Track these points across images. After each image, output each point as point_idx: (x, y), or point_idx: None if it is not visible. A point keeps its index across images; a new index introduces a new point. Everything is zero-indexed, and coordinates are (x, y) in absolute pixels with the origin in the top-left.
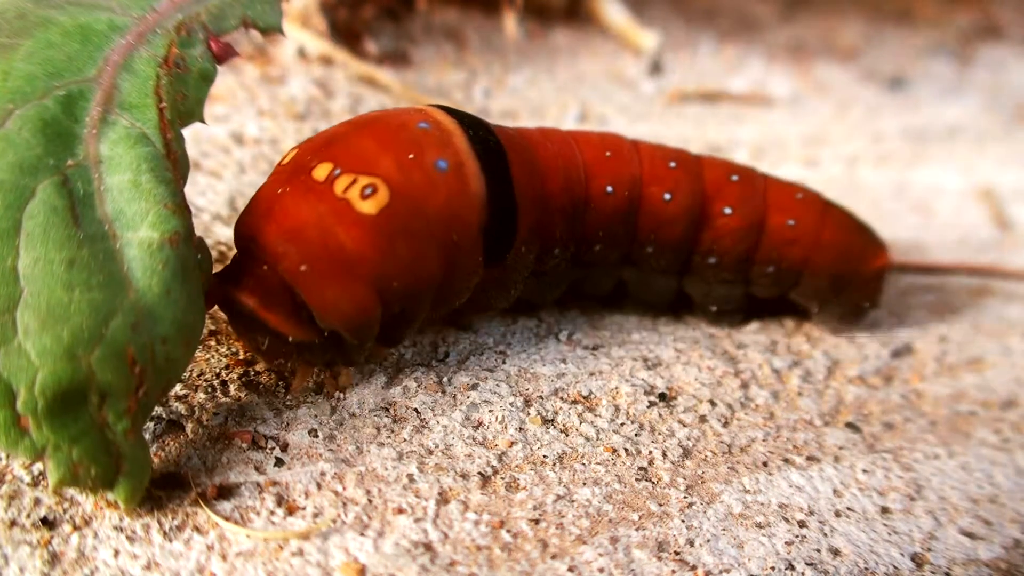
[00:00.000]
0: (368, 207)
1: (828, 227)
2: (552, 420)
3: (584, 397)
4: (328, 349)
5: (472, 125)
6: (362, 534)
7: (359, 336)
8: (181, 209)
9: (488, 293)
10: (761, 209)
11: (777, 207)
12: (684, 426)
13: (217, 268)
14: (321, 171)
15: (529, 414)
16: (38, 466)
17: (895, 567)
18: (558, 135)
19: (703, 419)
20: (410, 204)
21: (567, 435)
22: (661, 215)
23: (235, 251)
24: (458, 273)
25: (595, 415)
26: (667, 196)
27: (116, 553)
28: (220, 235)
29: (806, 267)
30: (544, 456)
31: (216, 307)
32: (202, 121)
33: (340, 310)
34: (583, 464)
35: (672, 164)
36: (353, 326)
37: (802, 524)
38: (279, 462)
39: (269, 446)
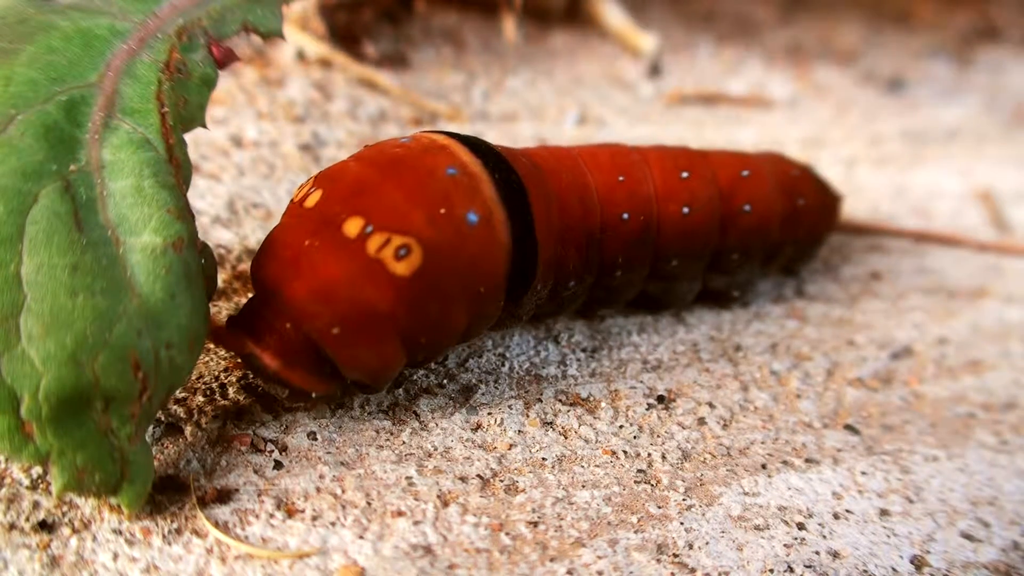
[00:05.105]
0: (402, 269)
1: (820, 192)
2: (551, 422)
3: (583, 399)
4: (347, 390)
5: (496, 166)
6: (361, 537)
7: (382, 384)
8: (184, 214)
9: (501, 322)
10: (775, 198)
11: (789, 190)
12: (683, 428)
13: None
14: (352, 227)
15: (528, 416)
16: (37, 469)
17: (894, 569)
18: (569, 159)
19: (702, 421)
20: (442, 263)
21: (566, 437)
22: (682, 229)
23: (239, 260)
24: (481, 319)
25: (594, 417)
26: (685, 210)
27: (115, 556)
28: (220, 238)
29: (817, 233)
30: (543, 459)
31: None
32: (204, 126)
33: (368, 367)
34: (582, 466)
35: (685, 175)
36: (379, 379)
37: (801, 526)
38: (278, 465)
39: (268, 449)
